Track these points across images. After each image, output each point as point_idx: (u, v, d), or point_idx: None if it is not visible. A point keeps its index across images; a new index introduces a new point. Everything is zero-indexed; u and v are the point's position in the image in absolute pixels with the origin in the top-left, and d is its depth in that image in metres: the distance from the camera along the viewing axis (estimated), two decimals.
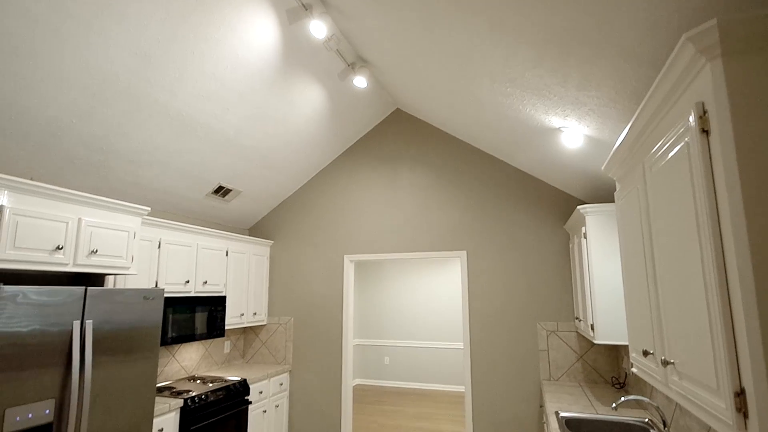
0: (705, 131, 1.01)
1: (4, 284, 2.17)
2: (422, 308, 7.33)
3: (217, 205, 4.06)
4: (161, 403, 2.89)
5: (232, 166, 3.65)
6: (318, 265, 4.46)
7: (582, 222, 2.92)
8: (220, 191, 3.87)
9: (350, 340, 4.28)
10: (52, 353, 2.06)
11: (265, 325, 4.54)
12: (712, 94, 0.97)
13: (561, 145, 2.70)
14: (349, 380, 4.21)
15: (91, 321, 2.23)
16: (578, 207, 2.81)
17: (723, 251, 0.96)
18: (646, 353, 1.47)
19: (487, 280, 3.88)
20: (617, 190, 1.85)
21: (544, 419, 3.23)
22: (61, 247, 2.26)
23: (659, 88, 1.18)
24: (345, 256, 4.36)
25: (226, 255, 3.96)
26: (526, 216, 3.85)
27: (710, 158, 1.00)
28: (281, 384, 4.21)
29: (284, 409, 4.25)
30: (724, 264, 0.96)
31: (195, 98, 2.79)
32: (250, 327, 4.60)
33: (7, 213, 2.04)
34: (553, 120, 2.40)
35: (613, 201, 3.31)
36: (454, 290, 7.22)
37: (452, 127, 3.91)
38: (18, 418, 1.91)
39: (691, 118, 1.06)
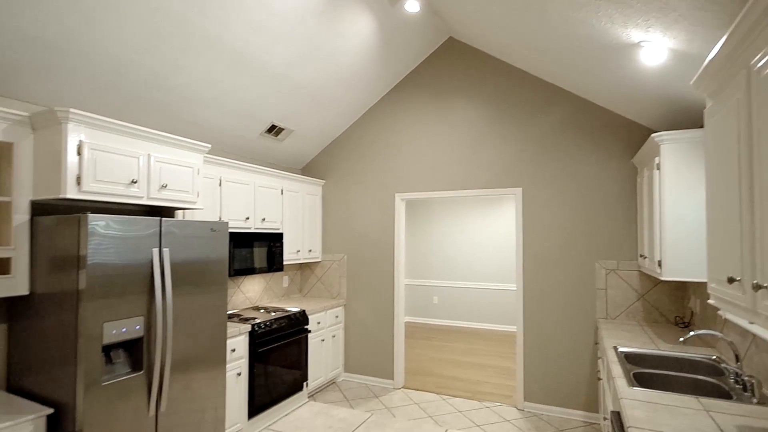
0: None
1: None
2: (471, 249, 7.33)
3: (271, 145, 4.13)
4: (232, 327, 3.14)
5: (284, 104, 3.65)
6: (369, 204, 4.51)
7: (655, 152, 2.69)
8: (273, 130, 3.91)
9: (402, 277, 4.38)
10: (136, 277, 2.26)
11: (319, 261, 4.74)
12: None
13: (638, 64, 2.43)
14: (401, 316, 4.36)
15: (167, 249, 2.41)
16: (652, 135, 2.58)
17: None
18: (731, 280, 1.37)
19: (543, 219, 3.75)
20: (708, 107, 1.66)
21: (599, 355, 3.21)
22: (136, 181, 2.41)
23: None
24: (396, 194, 4.36)
25: (281, 194, 4.08)
26: (588, 149, 3.61)
27: None
28: (337, 316, 4.45)
29: (340, 339, 4.52)
30: None
31: (245, 30, 2.75)
32: (305, 263, 4.82)
33: (86, 148, 2.18)
34: (633, 34, 2.14)
35: (692, 128, 3.00)
36: (504, 231, 7.11)
37: (509, 55, 3.64)
38: (114, 331, 2.15)
39: None
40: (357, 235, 4.56)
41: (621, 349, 2.57)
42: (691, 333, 2.11)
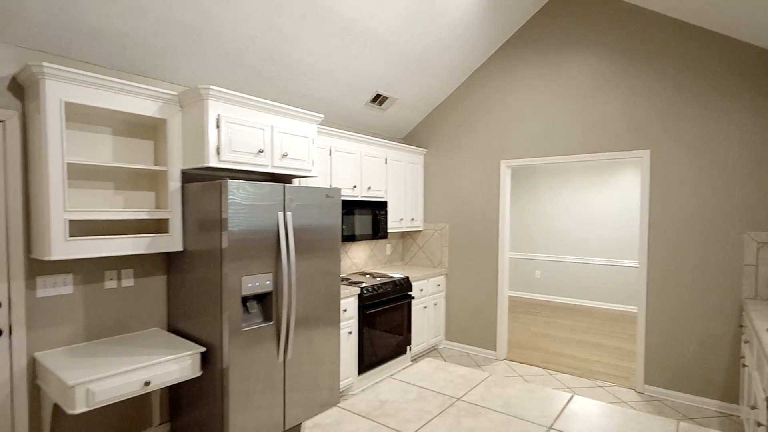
0: None
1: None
2: (579, 221, 6.81)
3: (375, 114, 4.21)
4: (343, 289, 3.35)
5: (388, 72, 3.66)
6: (472, 172, 4.39)
7: None
8: (377, 99, 3.97)
9: (506, 247, 4.24)
10: (265, 239, 2.50)
11: (421, 230, 4.79)
12: None
13: None
14: (505, 287, 4.25)
15: (290, 213, 2.61)
16: None
17: None
18: None
19: (676, 185, 3.31)
20: None
21: (746, 339, 2.80)
22: (262, 151, 2.63)
23: None
24: (501, 161, 4.18)
25: (385, 163, 4.16)
26: (738, 100, 3.05)
27: None
28: (438, 285, 4.49)
29: (442, 307, 4.56)
30: None
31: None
32: (407, 232, 4.91)
33: (223, 122, 2.42)
34: None
35: None
36: (618, 202, 6.47)
37: None
38: (249, 285, 2.42)
39: None
40: (459, 205, 4.50)
41: None
42: None
